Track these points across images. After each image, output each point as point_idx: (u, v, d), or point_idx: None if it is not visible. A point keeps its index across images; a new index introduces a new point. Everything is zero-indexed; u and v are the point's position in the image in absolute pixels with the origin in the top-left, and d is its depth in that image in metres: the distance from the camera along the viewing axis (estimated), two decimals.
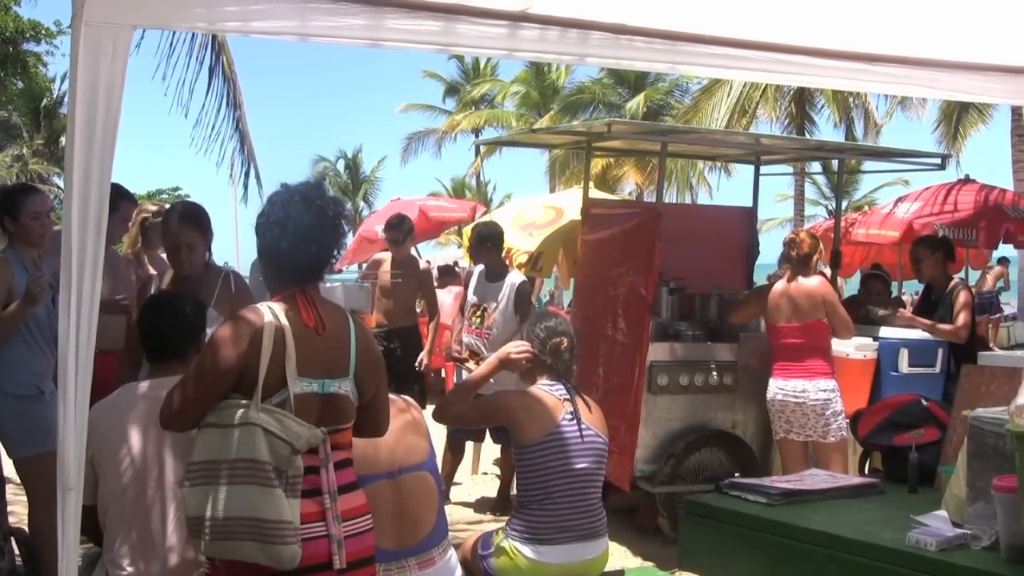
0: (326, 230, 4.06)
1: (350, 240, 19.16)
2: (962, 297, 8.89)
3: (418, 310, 11.50)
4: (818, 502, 4.39)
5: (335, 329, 4.06)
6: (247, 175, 11.94)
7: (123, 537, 4.44)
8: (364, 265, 13.99)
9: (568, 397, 5.54)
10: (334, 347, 4.04)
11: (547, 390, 5.57)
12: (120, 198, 7.35)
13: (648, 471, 8.34)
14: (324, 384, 3.97)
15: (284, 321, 3.91)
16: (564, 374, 5.66)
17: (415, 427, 5.07)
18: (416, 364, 10.17)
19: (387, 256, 10.72)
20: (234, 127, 11.37)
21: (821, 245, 8.59)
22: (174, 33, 9.69)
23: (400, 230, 10.48)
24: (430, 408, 5.98)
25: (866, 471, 8.37)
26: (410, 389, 8.80)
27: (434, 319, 10.60)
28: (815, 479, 4.83)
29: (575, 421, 5.48)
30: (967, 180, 15.54)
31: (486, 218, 13.51)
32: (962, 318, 8.70)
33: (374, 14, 5.64)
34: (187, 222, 6.33)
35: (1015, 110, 21.42)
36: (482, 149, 46.07)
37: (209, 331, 4.76)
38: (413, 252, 11.12)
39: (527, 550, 5.38)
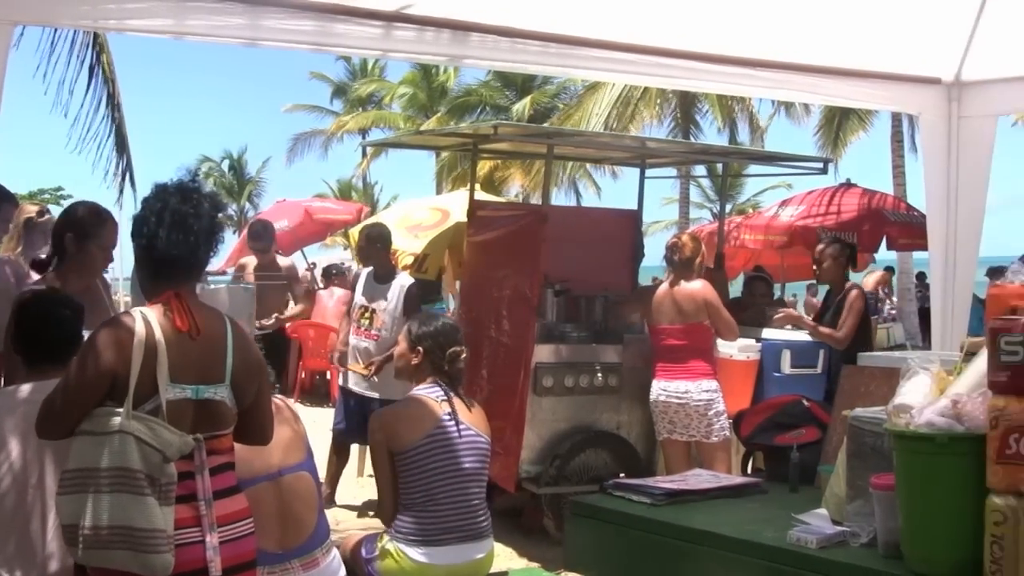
0: (201, 224, 3.98)
1: (235, 241, 19.01)
2: (854, 304, 8.93)
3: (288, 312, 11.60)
4: (701, 502, 4.42)
5: (210, 333, 3.97)
6: (124, 176, 11.77)
7: (1, 544, 4.34)
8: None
9: (447, 398, 5.52)
10: (209, 352, 3.95)
11: (425, 393, 5.56)
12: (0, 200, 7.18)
13: (533, 472, 8.35)
14: (198, 390, 3.89)
15: (156, 326, 3.82)
16: (454, 381, 5.65)
17: (291, 427, 5.02)
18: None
19: (252, 260, 10.85)
20: (112, 127, 11.21)
21: (703, 248, 8.65)
22: (55, 31, 9.53)
23: (264, 239, 10.73)
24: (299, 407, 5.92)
25: (748, 471, 8.45)
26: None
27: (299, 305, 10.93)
28: (698, 479, 4.86)
29: (454, 422, 5.47)
30: (848, 184, 15.77)
31: (372, 219, 13.47)
32: (847, 326, 8.77)
33: (252, 13, 5.59)
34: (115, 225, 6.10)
35: (895, 116, 21.81)
36: (369, 150, 45.85)
37: None
38: (298, 255, 11.18)
39: (412, 552, 5.35)
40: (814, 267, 9.55)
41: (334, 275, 16.88)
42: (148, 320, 3.83)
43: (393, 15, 5.98)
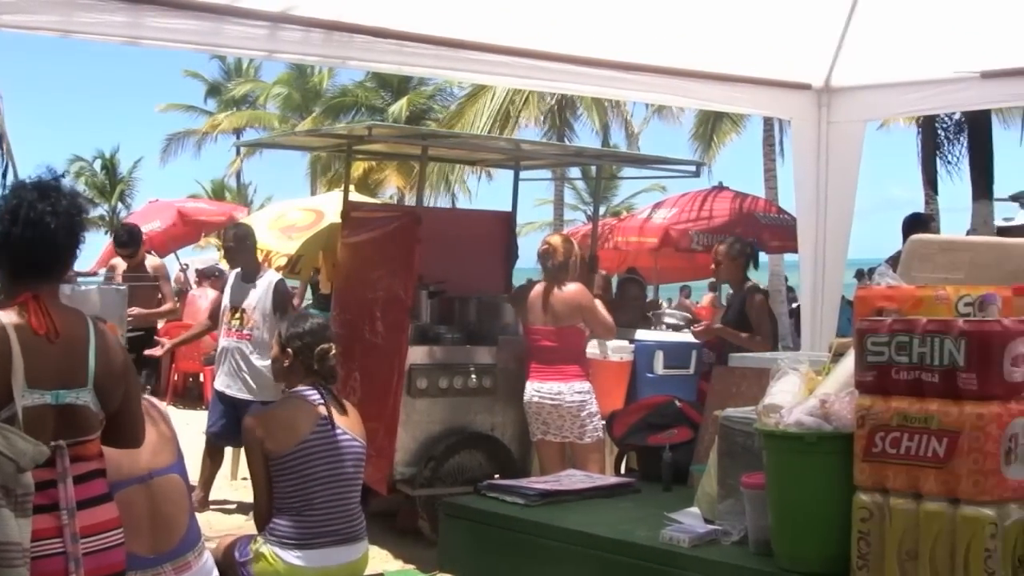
0: (59, 223, 3.86)
1: (107, 242, 18.69)
2: (762, 307, 8.96)
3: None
4: (575, 502, 4.44)
5: (70, 336, 3.84)
6: (3, 174, 11.52)
7: None
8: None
9: (323, 402, 5.49)
10: (69, 355, 3.82)
11: (301, 397, 5.52)
12: None
13: (408, 474, 8.33)
14: (58, 395, 3.76)
15: (11, 330, 3.69)
16: (327, 380, 5.62)
17: (160, 428, 4.93)
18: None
19: (121, 261, 10.82)
20: None
21: (577, 248, 8.69)
22: None
23: (131, 245, 10.79)
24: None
25: (622, 471, 8.51)
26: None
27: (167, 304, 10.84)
28: (572, 479, 4.88)
29: (330, 426, 5.44)
30: (721, 187, 15.98)
31: (243, 220, 13.38)
32: (764, 330, 8.82)
33: (134, 11, 5.51)
34: None
35: (767, 121, 22.13)
36: (243, 151, 45.43)
37: None
38: (171, 257, 11.09)
39: (286, 555, 5.32)
40: (712, 266, 9.64)
41: (216, 276, 16.67)
42: (3, 324, 3.71)
43: (279, 16, 5.93)
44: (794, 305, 15.81)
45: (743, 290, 9.12)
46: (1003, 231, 5.36)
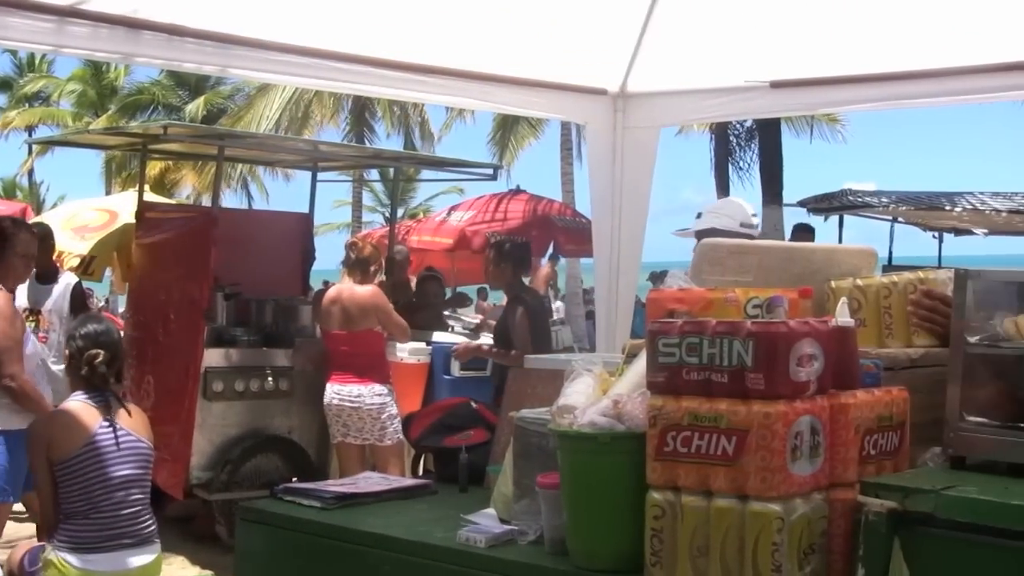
0: None
1: None
2: (520, 321, 8.91)
3: None
4: (372, 504, 4.42)
5: None
6: None
7: None
8: None
9: (104, 404, 5.41)
10: None
11: (83, 401, 5.43)
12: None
13: (204, 478, 8.22)
14: None
15: None
16: (100, 386, 5.52)
17: None
18: None
19: None
20: None
21: (381, 256, 8.69)
22: None
23: None
24: None
25: (419, 472, 8.54)
26: None
27: None
28: (369, 482, 4.87)
29: (111, 428, 5.36)
30: (517, 191, 16.12)
31: (36, 219, 13.00)
32: (523, 346, 8.80)
33: None
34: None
35: (564, 125, 22.41)
36: (35, 148, 44.18)
37: None
38: None
39: (75, 560, 5.22)
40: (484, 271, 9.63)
41: None
42: None
43: (67, 10, 5.79)
44: (591, 308, 16.01)
45: (508, 302, 9.02)
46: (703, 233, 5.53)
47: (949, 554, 2.89)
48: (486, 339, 9.66)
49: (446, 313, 12.06)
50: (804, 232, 13.99)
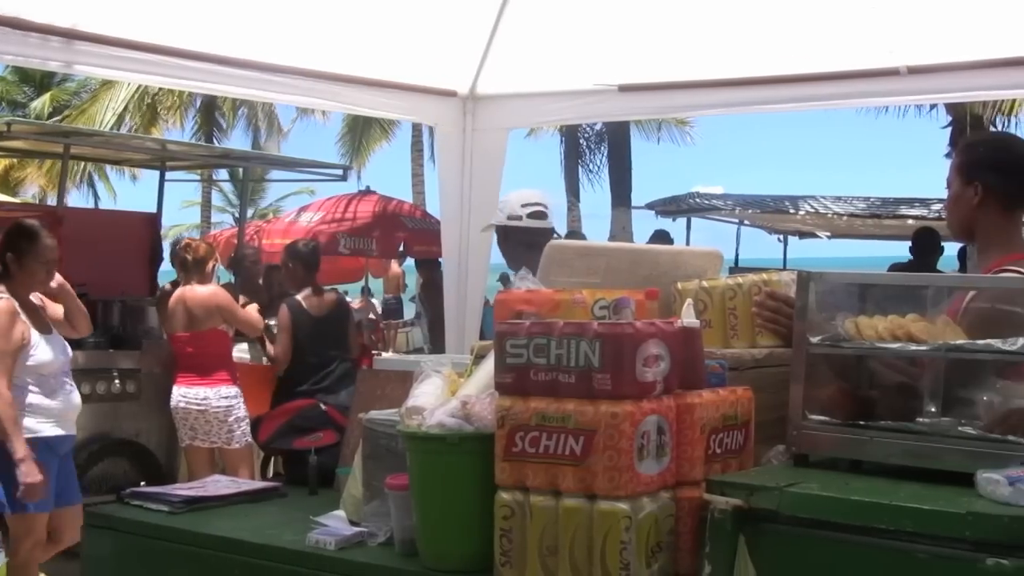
0: None
1: None
2: (281, 322, 8.83)
3: None
4: (221, 508, 4.37)
5: None
6: None
7: None
8: None
9: None
10: None
11: None
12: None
13: None
14: None
15: None
16: None
17: None
18: None
19: None
20: None
21: (216, 252, 8.60)
22: None
23: None
24: None
25: (269, 475, 8.47)
26: None
27: None
28: (217, 485, 4.81)
29: None
30: (367, 191, 16.08)
31: None
32: (280, 344, 8.72)
33: None
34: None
35: (415, 127, 22.42)
36: None
37: None
38: None
39: None
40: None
41: None
42: None
43: None
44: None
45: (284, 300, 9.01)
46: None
47: (793, 549, 2.94)
48: None
49: None
50: (662, 239, 14.20)
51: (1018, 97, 13.45)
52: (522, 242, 5.94)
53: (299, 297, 8.99)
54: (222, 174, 17.79)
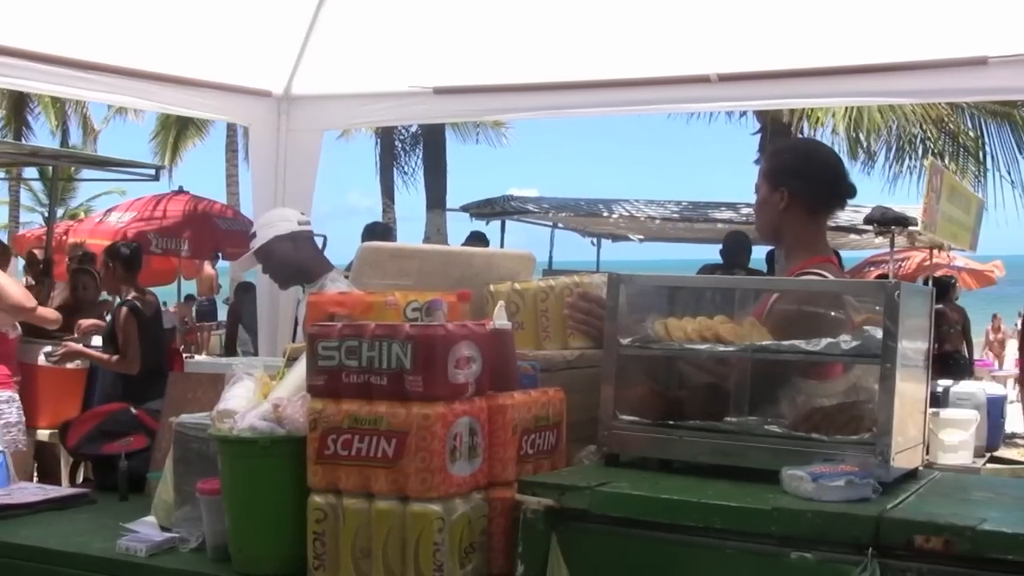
0: None
1: None
2: (125, 325, 8.66)
3: None
4: (27, 516, 4.28)
5: None
6: None
7: None
8: None
9: None
10: None
11: None
12: None
13: None
14: None
15: None
16: None
17: None
18: None
19: None
20: None
21: (12, 250, 8.40)
22: None
23: None
24: None
25: (78, 481, 8.27)
26: None
27: None
28: (24, 492, 4.70)
29: None
30: (180, 191, 15.85)
31: None
32: (130, 349, 8.55)
33: None
34: None
35: (230, 127, 22.16)
36: None
37: None
38: None
39: None
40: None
41: None
42: None
43: None
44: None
45: (114, 307, 8.85)
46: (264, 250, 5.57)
47: (605, 548, 3.00)
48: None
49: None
50: (478, 241, 14.26)
51: (823, 106, 13.84)
52: (313, 248, 5.97)
53: (130, 298, 8.82)
54: (31, 172, 17.34)
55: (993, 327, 24.54)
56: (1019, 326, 26.29)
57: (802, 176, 4.17)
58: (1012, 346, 24.81)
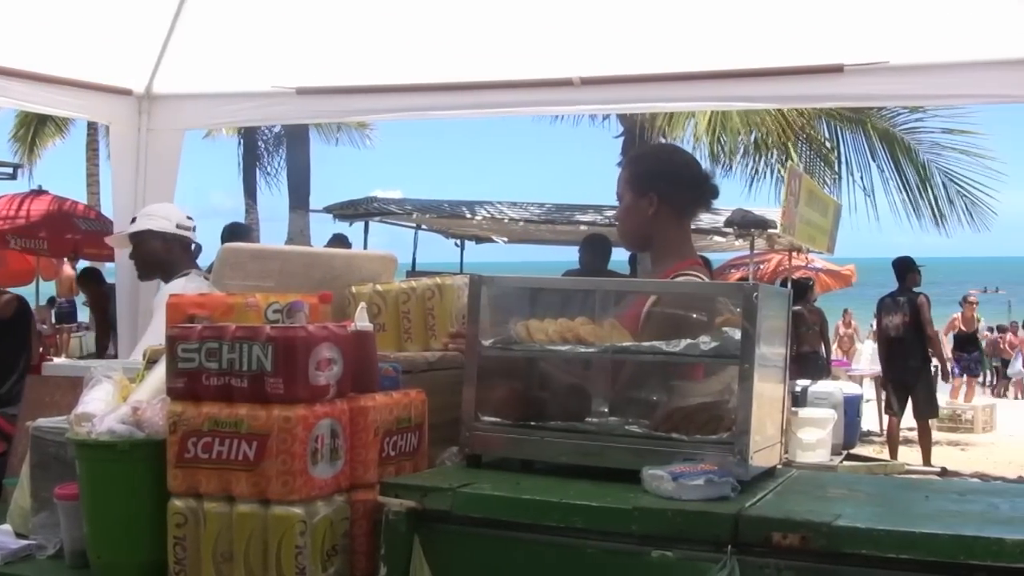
0: None
1: None
2: None
3: None
4: None
5: None
6: None
7: None
8: None
9: None
10: None
11: None
12: None
13: None
14: None
15: None
16: None
17: None
18: None
19: None
20: None
21: None
22: None
23: None
24: None
25: None
26: None
27: None
28: None
29: None
30: (39, 191, 15.57)
31: None
32: None
33: None
34: None
35: (91, 125, 21.78)
36: None
37: None
38: None
39: None
40: None
41: None
42: None
43: None
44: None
45: None
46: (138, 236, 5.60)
47: (467, 549, 3.01)
48: None
49: None
50: (340, 242, 14.21)
51: (685, 110, 14.02)
52: (184, 252, 5.94)
53: None
54: None
55: (844, 322, 25.13)
56: (873, 327, 26.91)
57: (669, 180, 4.19)
58: (870, 346, 25.39)
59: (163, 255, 5.91)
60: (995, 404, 20.65)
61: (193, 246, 6.14)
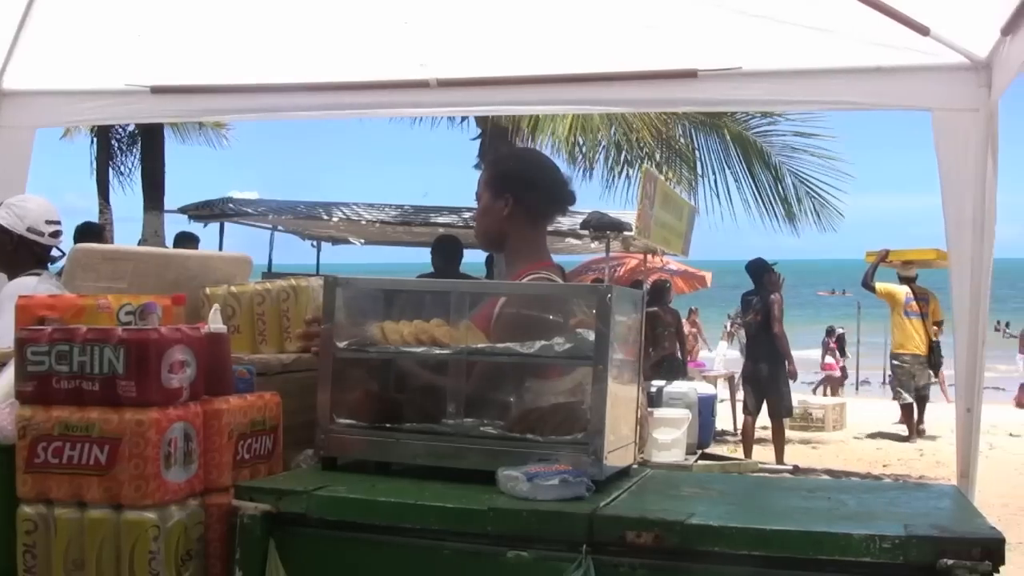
0: None
1: None
2: None
3: None
4: None
5: None
6: None
7: None
8: None
9: None
10: None
11: None
12: None
13: None
14: None
15: None
16: None
17: None
18: None
19: None
20: None
21: None
22: None
23: None
24: None
25: None
26: None
27: None
28: None
29: None
30: None
31: None
32: None
33: None
34: None
35: None
36: None
37: None
38: None
39: None
40: None
41: None
42: None
43: None
44: None
45: None
46: None
47: (323, 551, 3.01)
48: None
49: None
50: (188, 240, 13.99)
51: (541, 113, 14.06)
52: (31, 256, 5.76)
53: None
54: None
55: (689, 321, 25.50)
56: (728, 328, 27.31)
57: (526, 183, 4.21)
58: (723, 347, 25.76)
59: (8, 252, 5.73)
60: (845, 403, 21.07)
61: (50, 252, 5.88)
